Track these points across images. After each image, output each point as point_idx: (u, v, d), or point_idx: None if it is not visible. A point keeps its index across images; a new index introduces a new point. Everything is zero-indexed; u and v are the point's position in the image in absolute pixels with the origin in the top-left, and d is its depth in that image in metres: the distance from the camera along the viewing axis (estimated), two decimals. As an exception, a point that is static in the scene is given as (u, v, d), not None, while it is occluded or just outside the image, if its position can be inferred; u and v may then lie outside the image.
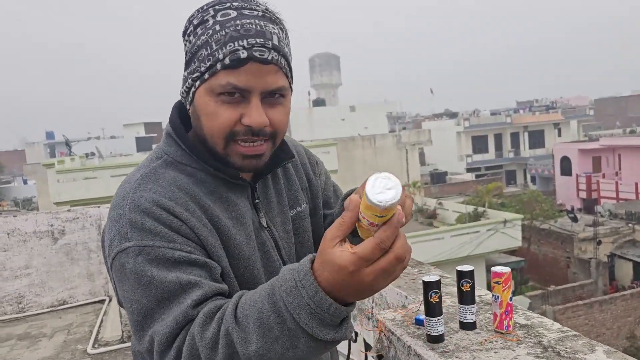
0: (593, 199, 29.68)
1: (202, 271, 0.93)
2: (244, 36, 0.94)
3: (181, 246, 0.92)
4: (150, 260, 0.91)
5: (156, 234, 0.92)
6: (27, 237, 5.40)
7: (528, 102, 63.79)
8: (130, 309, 0.92)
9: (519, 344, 1.22)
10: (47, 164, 19.58)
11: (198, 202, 0.98)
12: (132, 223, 0.93)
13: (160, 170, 1.01)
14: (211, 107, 0.97)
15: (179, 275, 0.90)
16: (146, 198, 0.95)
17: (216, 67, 0.94)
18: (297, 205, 1.18)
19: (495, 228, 17.74)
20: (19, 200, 37.98)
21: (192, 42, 0.98)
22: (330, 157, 20.01)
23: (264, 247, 1.07)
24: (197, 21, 0.98)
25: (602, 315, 16.96)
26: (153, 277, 0.90)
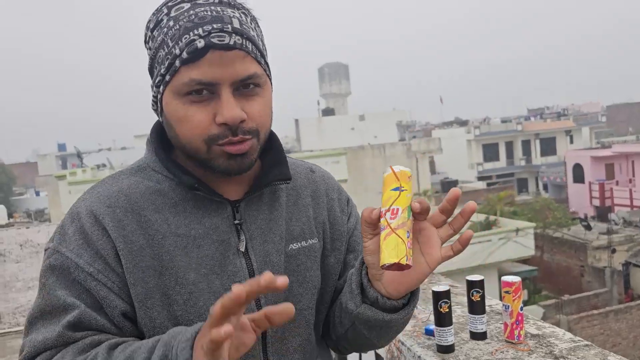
0: (607, 206, 29.36)
1: (91, 300, 0.87)
2: (198, 24, 0.83)
3: (84, 264, 0.87)
4: (52, 267, 0.89)
5: (70, 243, 0.89)
6: (39, 248, 5.45)
7: (539, 109, 63.43)
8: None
9: (530, 354, 1.20)
10: (59, 176, 19.76)
11: (140, 215, 0.91)
12: (61, 226, 0.93)
13: (122, 176, 0.97)
14: (180, 111, 0.87)
15: (66, 295, 0.87)
16: (85, 203, 0.93)
17: (175, 64, 0.85)
18: (303, 239, 1.01)
19: (507, 237, 17.58)
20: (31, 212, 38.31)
21: (152, 47, 0.90)
22: (340, 166, 20.02)
23: (234, 277, 0.92)
24: (153, 24, 0.89)
25: (617, 324, 16.70)
26: (45, 285, 0.89)
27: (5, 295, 5.32)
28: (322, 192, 1.08)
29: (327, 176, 1.13)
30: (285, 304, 0.71)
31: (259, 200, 0.98)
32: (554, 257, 22.57)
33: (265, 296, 0.94)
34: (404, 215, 0.81)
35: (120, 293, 0.88)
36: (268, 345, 0.95)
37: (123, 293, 0.89)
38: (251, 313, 0.78)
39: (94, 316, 0.87)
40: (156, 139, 0.98)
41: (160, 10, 0.89)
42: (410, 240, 0.81)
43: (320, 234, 1.04)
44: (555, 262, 22.38)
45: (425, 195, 24.25)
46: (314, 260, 1.02)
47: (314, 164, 1.13)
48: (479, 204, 27.67)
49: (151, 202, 0.92)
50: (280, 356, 0.96)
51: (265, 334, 0.95)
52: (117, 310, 0.88)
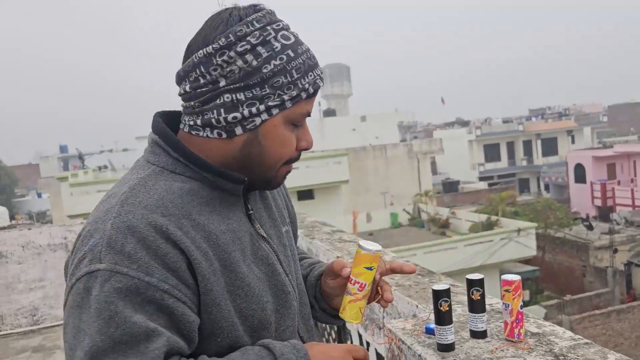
0: (608, 206, 29.33)
1: (169, 321, 0.84)
2: (316, 65, 0.97)
3: (157, 282, 0.82)
4: (120, 290, 0.80)
5: (134, 261, 0.82)
6: (41, 249, 5.46)
7: (540, 109, 63.41)
8: (77, 344, 0.80)
9: (530, 352, 1.21)
10: (60, 178, 19.82)
11: (192, 219, 0.90)
12: (110, 242, 0.83)
13: (150, 182, 0.92)
14: (286, 136, 0.97)
15: (144, 320, 0.80)
16: (134, 214, 0.85)
17: (301, 96, 0.95)
18: (285, 223, 1.15)
19: (509, 237, 17.58)
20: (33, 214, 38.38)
21: (254, 64, 0.91)
22: (342, 167, 20.02)
23: (267, 260, 1.00)
24: (256, 40, 0.91)
25: (619, 324, 16.68)
26: (117, 312, 0.79)
27: (8, 297, 5.33)
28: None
29: None
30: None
31: (254, 193, 1.09)
32: (555, 257, 22.55)
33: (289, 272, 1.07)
34: (368, 289, 1.06)
35: (192, 306, 0.87)
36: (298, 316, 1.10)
37: (194, 305, 0.88)
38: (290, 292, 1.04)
39: (178, 340, 0.84)
40: (170, 141, 0.97)
41: (264, 29, 0.92)
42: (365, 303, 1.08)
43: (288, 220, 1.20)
44: (557, 262, 22.35)
45: (427, 195, 24.26)
46: (294, 243, 1.20)
47: None
48: (480, 204, 27.69)
49: (191, 204, 0.92)
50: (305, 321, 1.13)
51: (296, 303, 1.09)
52: (194, 325, 0.87)
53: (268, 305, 0.97)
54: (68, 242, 5.53)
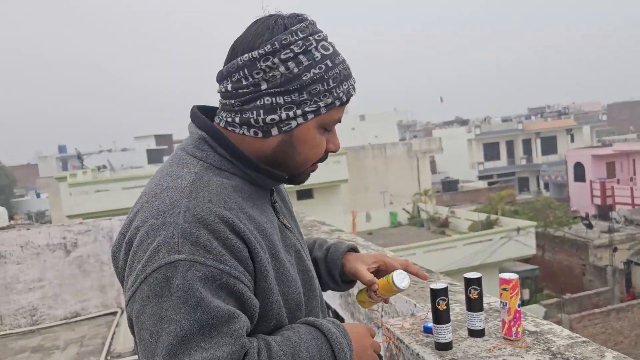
0: (608, 205, 29.34)
1: (238, 304, 0.91)
2: (350, 76, 1.04)
3: (230, 269, 0.89)
4: (200, 278, 0.86)
5: (209, 251, 0.88)
6: (40, 250, 5.45)
7: (540, 108, 63.41)
8: (165, 330, 0.85)
9: (528, 350, 1.20)
10: (59, 178, 19.78)
11: (245, 212, 0.97)
12: (186, 234, 0.88)
13: (205, 177, 0.97)
14: (318, 139, 1.04)
15: (223, 304, 0.87)
16: (203, 208, 0.91)
17: (335, 104, 1.02)
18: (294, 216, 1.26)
19: (508, 236, 17.57)
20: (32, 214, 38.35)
21: (295, 71, 0.98)
22: (341, 166, 20.00)
23: (294, 247, 1.10)
24: (299, 49, 0.98)
25: (619, 323, 16.68)
26: (202, 298, 0.85)
27: (7, 297, 5.32)
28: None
29: None
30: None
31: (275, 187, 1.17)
32: (555, 256, 22.55)
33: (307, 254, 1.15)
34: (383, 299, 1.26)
35: (252, 291, 0.95)
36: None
37: (253, 290, 0.95)
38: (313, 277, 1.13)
39: (247, 321, 0.92)
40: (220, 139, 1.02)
41: (307, 39, 0.99)
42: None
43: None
44: (556, 261, 22.36)
45: (426, 195, 24.25)
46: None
47: None
48: (480, 203, 27.69)
49: (241, 198, 1.00)
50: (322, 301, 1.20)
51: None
52: (256, 308, 0.94)
53: (300, 289, 1.06)
54: (67, 242, 5.52)
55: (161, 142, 46.62)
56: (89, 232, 5.61)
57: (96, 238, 5.62)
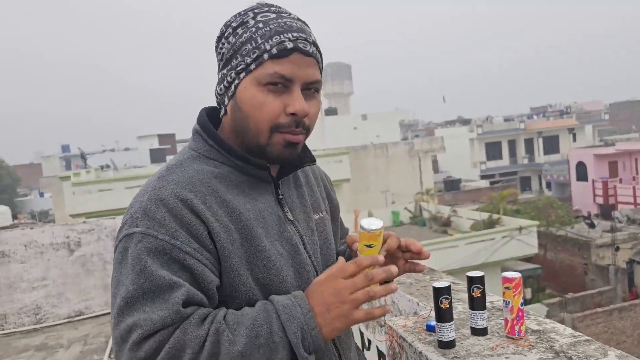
0: (610, 204, 29.27)
1: (190, 277, 0.95)
2: (288, 30, 1.01)
3: (182, 245, 0.95)
4: (148, 249, 0.94)
5: (162, 226, 0.95)
6: (43, 249, 5.47)
7: (542, 107, 63.27)
8: (117, 293, 0.95)
9: (531, 349, 1.21)
10: (62, 177, 19.82)
11: (218, 196, 1.02)
12: (145, 211, 0.98)
13: (185, 163, 1.06)
14: (259, 97, 1.02)
15: (168, 274, 0.93)
16: (166, 188, 0.99)
17: (263, 57, 1.00)
18: (320, 211, 1.22)
19: (510, 235, 17.55)
20: (36, 213, 38.42)
21: (232, 41, 1.04)
22: (343, 165, 19.99)
23: (291, 241, 1.10)
24: (236, 24, 1.05)
25: (621, 322, 16.65)
26: (145, 266, 0.93)
27: (10, 296, 5.35)
28: (318, 175, 1.31)
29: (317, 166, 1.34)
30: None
31: (288, 180, 1.18)
32: (557, 255, 22.52)
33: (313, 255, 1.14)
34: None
35: (212, 269, 0.98)
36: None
37: (215, 268, 0.99)
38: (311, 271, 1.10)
39: (197, 292, 0.95)
40: (208, 130, 1.09)
41: (246, 13, 1.05)
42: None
43: (326, 208, 1.27)
44: (558, 260, 22.32)
45: (428, 194, 24.23)
46: (329, 229, 1.24)
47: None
48: (481, 202, 27.64)
49: (220, 185, 1.04)
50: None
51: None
52: (212, 284, 0.98)
53: (288, 279, 1.05)
54: (70, 242, 5.54)
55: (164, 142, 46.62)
56: (93, 231, 5.63)
57: (99, 237, 5.64)
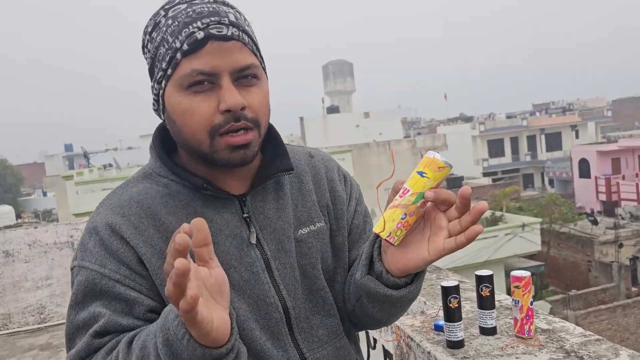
0: (613, 201, 29.19)
1: (124, 305, 0.90)
2: (197, 18, 0.87)
3: (110, 272, 0.91)
4: (80, 283, 0.92)
5: (92, 255, 0.92)
6: (47, 248, 5.47)
7: (544, 104, 63.12)
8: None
9: (541, 349, 1.20)
10: (66, 176, 19.83)
11: (157, 219, 0.94)
12: (81, 242, 0.96)
13: (131, 184, 1.00)
14: (185, 103, 0.89)
15: (95, 306, 0.91)
16: (101, 215, 0.96)
17: (176, 57, 0.88)
18: (311, 223, 1.05)
19: (513, 232, 17.53)
20: (39, 212, 38.51)
21: (150, 48, 0.93)
22: (346, 163, 20.00)
23: (252, 268, 0.97)
24: (151, 28, 0.93)
25: (625, 319, 16.62)
26: (77, 302, 0.92)
27: (15, 295, 5.35)
28: (322, 175, 1.11)
29: (326, 158, 1.16)
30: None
31: (264, 192, 1.02)
32: (560, 252, 22.48)
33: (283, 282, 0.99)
34: (410, 198, 0.84)
35: (149, 293, 0.92)
36: (293, 326, 1.00)
37: (152, 293, 0.92)
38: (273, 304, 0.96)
39: (119, 320, 0.89)
40: (159, 145, 1.00)
41: (157, 13, 0.93)
42: (405, 222, 0.85)
43: (325, 216, 1.08)
44: (562, 257, 22.29)
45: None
46: (323, 242, 1.06)
47: (313, 148, 1.17)
48: (484, 199, 27.63)
49: (163, 206, 0.95)
50: (306, 334, 1.01)
51: (289, 314, 0.99)
52: (145, 308, 0.91)
53: (240, 311, 0.93)
54: (74, 241, 5.55)
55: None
56: (96, 231, 5.64)
57: (103, 236, 5.65)
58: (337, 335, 1.06)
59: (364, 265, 0.96)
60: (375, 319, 1.04)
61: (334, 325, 1.05)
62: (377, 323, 1.08)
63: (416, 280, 0.95)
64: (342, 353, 1.05)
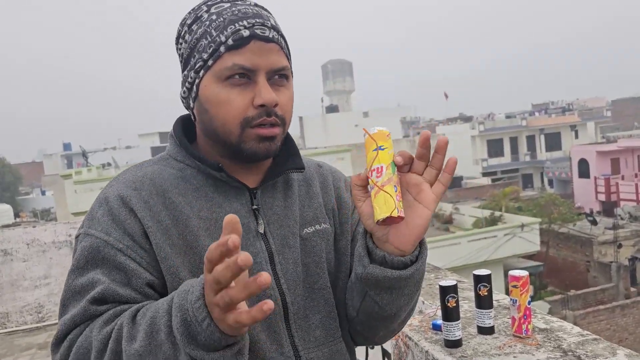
0: (612, 201, 29.23)
1: (123, 275, 0.92)
2: (243, 18, 0.94)
3: (114, 241, 0.93)
4: (84, 248, 0.94)
5: (100, 224, 0.94)
6: (46, 247, 5.47)
7: (544, 104, 63.17)
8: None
9: (539, 348, 1.20)
10: (64, 175, 19.84)
11: (167, 197, 0.97)
12: (91, 211, 0.99)
13: (146, 164, 1.04)
14: (222, 94, 0.94)
15: (95, 273, 0.92)
16: (114, 187, 0.98)
17: (220, 50, 0.93)
18: (316, 223, 1.08)
19: (512, 232, 17.54)
20: (38, 211, 38.49)
21: (189, 39, 0.98)
22: (345, 163, 19.99)
23: (256, 258, 0.98)
24: (191, 20, 0.98)
25: (624, 319, 16.64)
26: (78, 267, 0.93)
27: (13, 294, 5.35)
28: (329, 182, 1.15)
29: (333, 170, 1.21)
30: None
31: (274, 189, 1.06)
32: (559, 252, 22.50)
33: (284, 276, 1.00)
34: (388, 172, 0.86)
35: (148, 267, 0.93)
36: (291, 322, 1.01)
37: (151, 267, 0.94)
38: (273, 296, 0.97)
39: (117, 290, 0.91)
40: (180, 133, 1.04)
41: (199, 8, 0.99)
42: (398, 193, 0.86)
43: (331, 219, 1.11)
44: (561, 257, 22.31)
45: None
46: (327, 243, 1.08)
47: (321, 161, 1.21)
48: (483, 199, 27.64)
49: (175, 186, 0.98)
50: (303, 332, 1.02)
51: (288, 309, 1.00)
52: (143, 281, 0.93)
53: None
54: (72, 240, 5.54)
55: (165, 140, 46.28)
56: (95, 230, 5.64)
57: (102, 235, 5.65)
58: (335, 338, 1.06)
59: (364, 256, 0.96)
60: (382, 318, 1.02)
61: (332, 327, 1.05)
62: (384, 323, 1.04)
63: (420, 257, 0.95)
64: (337, 357, 1.05)
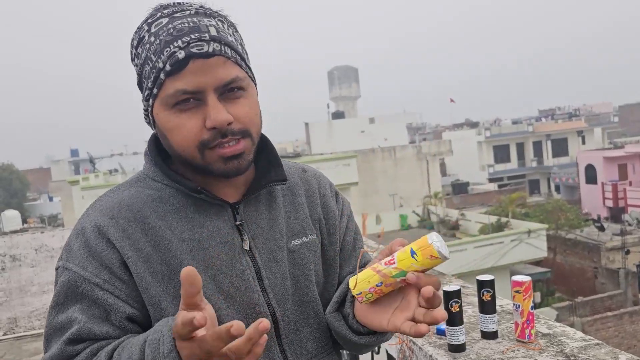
0: (620, 207, 29.05)
1: (98, 310, 0.90)
2: (177, 37, 0.88)
3: (90, 276, 0.90)
4: (63, 283, 0.92)
5: (76, 257, 0.92)
6: (54, 252, 5.51)
7: (550, 110, 62.96)
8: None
9: (541, 352, 1.21)
10: (72, 181, 19.97)
11: (146, 223, 0.93)
12: (68, 242, 0.96)
13: (122, 187, 1.00)
14: (171, 121, 0.91)
15: (73, 310, 0.90)
16: (90, 216, 0.96)
17: (160, 77, 0.89)
18: (303, 235, 1.05)
19: (519, 238, 17.47)
20: (45, 217, 38.70)
21: (138, 63, 0.94)
22: (351, 169, 20.00)
23: (242, 275, 0.96)
24: (136, 42, 0.94)
25: (632, 326, 16.51)
26: (57, 303, 0.92)
27: (21, 300, 5.39)
28: (315, 190, 1.11)
29: (318, 174, 1.16)
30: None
31: (257, 202, 1.02)
32: (567, 258, 22.37)
33: (273, 291, 0.98)
34: (392, 271, 0.84)
35: (127, 300, 0.91)
36: (282, 337, 0.99)
37: (131, 299, 0.92)
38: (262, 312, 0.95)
39: (93, 329, 0.89)
40: (154, 150, 1.01)
41: (141, 27, 0.93)
42: (379, 289, 0.86)
43: (317, 230, 1.08)
44: (568, 263, 22.18)
45: (436, 197, 24.17)
46: (315, 254, 1.06)
47: (305, 164, 1.18)
48: (490, 205, 27.55)
49: (153, 210, 0.95)
50: (295, 346, 1.00)
51: (278, 324, 0.98)
52: (122, 315, 0.91)
53: (227, 319, 0.91)
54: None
55: (171, 146, 46.72)
56: (102, 235, 5.68)
57: (109, 241, 5.69)
58: (326, 350, 1.05)
59: (335, 303, 1.01)
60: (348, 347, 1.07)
61: (323, 339, 1.04)
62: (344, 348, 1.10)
63: (377, 336, 0.97)
64: None
